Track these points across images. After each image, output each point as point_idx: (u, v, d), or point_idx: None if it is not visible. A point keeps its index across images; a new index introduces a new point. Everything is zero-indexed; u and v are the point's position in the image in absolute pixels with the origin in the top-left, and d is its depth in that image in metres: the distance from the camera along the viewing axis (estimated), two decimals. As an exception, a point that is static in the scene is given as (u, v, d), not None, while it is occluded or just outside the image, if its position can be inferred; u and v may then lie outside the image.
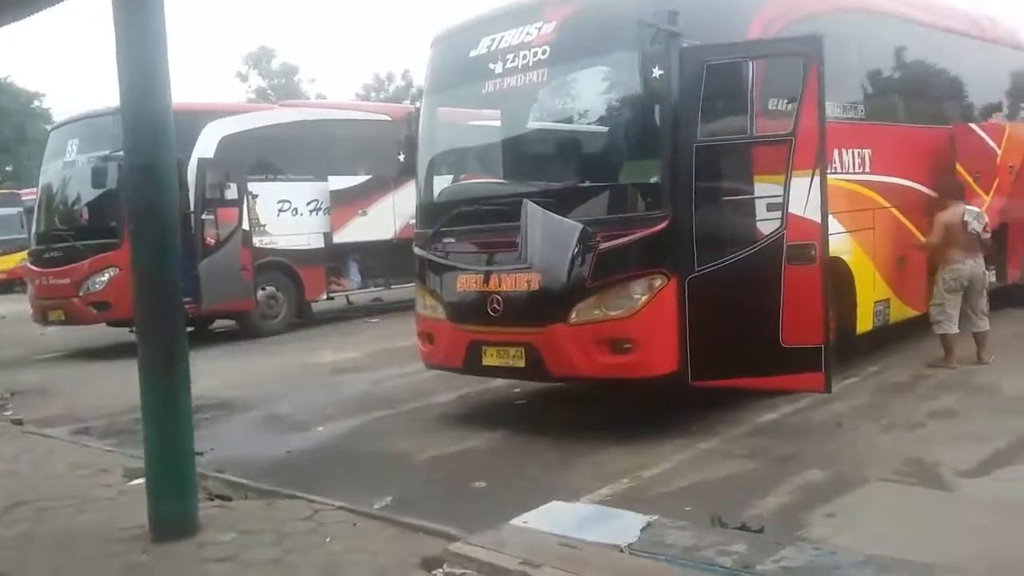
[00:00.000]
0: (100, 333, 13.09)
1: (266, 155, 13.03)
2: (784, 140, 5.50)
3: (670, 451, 5.68)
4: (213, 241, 12.10)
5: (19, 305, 20.95)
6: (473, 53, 6.65)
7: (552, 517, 4.07)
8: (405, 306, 16.08)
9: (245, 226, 12.43)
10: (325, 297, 14.16)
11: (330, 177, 13.79)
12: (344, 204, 13.90)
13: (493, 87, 6.50)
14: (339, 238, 13.84)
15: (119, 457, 5.91)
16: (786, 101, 5.74)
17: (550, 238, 5.85)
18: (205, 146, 12.30)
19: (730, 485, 5.00)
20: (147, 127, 4.16)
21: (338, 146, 14.17)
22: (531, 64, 6.21)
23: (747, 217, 5.63)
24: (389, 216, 14.56)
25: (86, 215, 12.09)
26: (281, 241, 13.17)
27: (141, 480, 5.25)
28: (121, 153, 11.63)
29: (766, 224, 5.55)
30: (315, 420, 7.39)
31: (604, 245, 5.74)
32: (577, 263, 5.77)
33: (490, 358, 6.39)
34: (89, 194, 11.92)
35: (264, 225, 12.92)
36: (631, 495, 4.87)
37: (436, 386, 8.29)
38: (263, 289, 12.85)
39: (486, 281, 6.32)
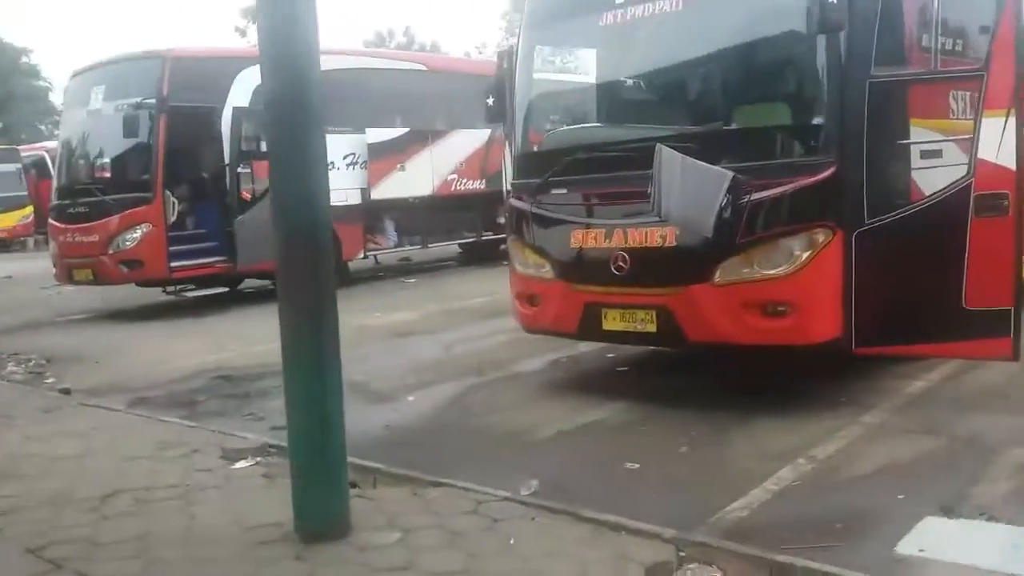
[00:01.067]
0: (123, 293, 12.35)
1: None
2: (974, 76, 4.79)
3: (832, 426, 5.05)
4: (249, 196, 11.35)
5: (24, 263, 20.17)
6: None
7: (953, 542, 3.39)
8: (436, 266, 15.56)
9: (281, 180, 11.65)
10: (362, 256, 13.43)
11: (368, 129, 12.99)
12: (381, 158, 13.13)
13: (614, 17, 5.75)
14: (376, 194, 13.09)
15: (207, 435, 5.23)
16: (977, 30, 5.02)
17: (692, 187, 5.15)
18: (239, 94, 11.48)
19: (929, 467, 4.37)
20: (288, 62, 3.39)
21: (376, 97, 13.36)
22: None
23: (928, 163, 4.93)
24: (427, 171, 13.85)
25: (116, 168, 11.25)
26: (318, 197, 12.37)
27: (246, 463, 4.64)
28: (154, 101, 10.94)
29: (950, 171, 4.85)
30: (400, 389, 6.73)
31: (757, 195, 5.04)
32: (725, 216, 5.08)
33: (612, 322, 5.72)
34: (119, 145, 11.08)
35: (301, 180, 12.11)
36: (822, 481, 4.25)
37: (516, 352, 7.66)
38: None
39: (609, 237, 5.63)
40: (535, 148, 6.50)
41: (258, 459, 4.68)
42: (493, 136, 14.77)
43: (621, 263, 5.55)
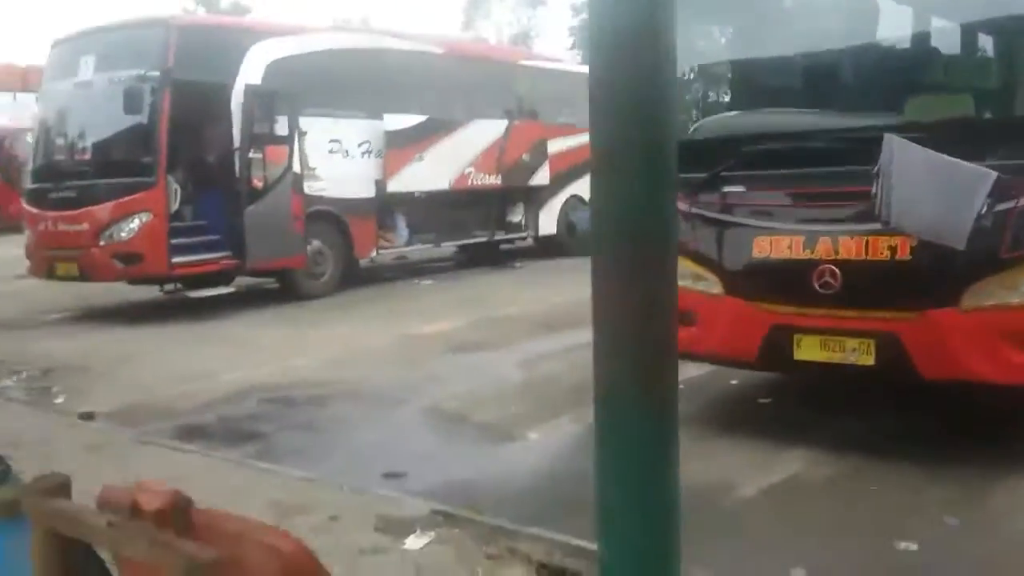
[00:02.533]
0: (98, 289, 10.75)
1: (317, 85, 10.82)
2: None
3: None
4: (261, 185, 9.99)
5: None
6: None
7: None
8: (436, 267, 14.29)
9: (296, 168, 10.34)
10: (375, 254, 12.14)
11: (385, 115, 11.73)
12: (398, 147, 11.88)
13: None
14: (391, 186, 11.83)
15: (334, 494, 4.01)
16: None
17: (937, 189, 4.15)
18: (251, 71, 10.09)
19: None
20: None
21: (391, 80, 12.08)
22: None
23: None
24: (444, 164, 12.66)
25: (111, 148, 9.76)
26: (331, 188, 11.08)
27: (419, 539, 3.44)
28: (157, 74, 9.50)
29: None
30: (511, 422, 5.57)
31: (1027, 201, 4.09)
32: (984, 225, 4.10)
33: (808, 351, 4.68)
34: (114, 122, 9.55)
35: (313, 168, 10.81)
36: None
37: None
38: (309, 243, 10.76)
39: (810, 246, 4.59)
40: (693, 135, 5.42)
41: (431, 533, 3.49)
42: (510, 128, 13.72)
43: (829, 279, 4.51)
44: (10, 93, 40.85)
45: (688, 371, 6.46)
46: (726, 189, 4.99)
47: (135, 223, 9.19)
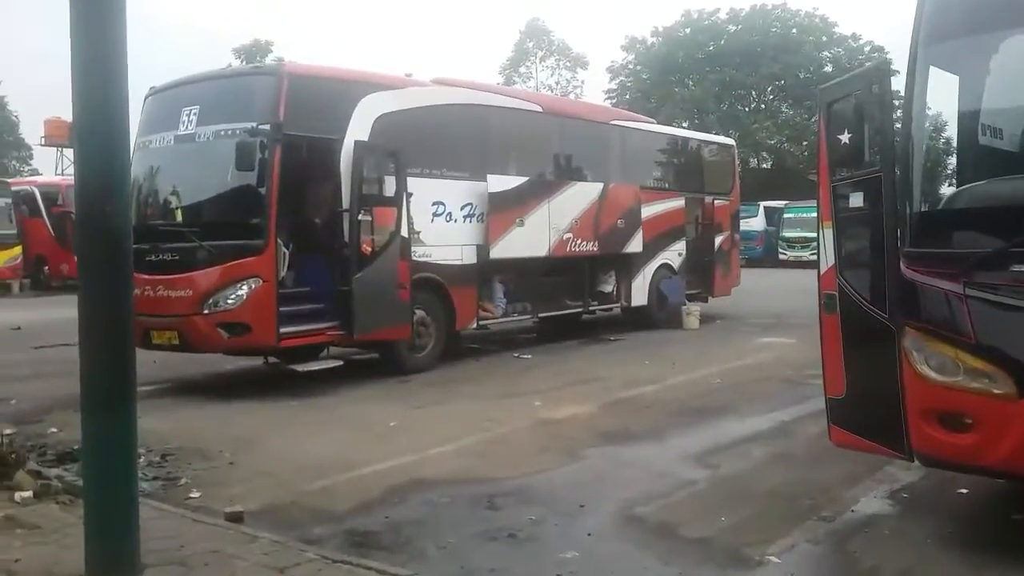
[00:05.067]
0: (180, 359, 9.99)
1: (422, 143, 10.23)
2: None
3: None
4: (369, 249, 9.29)
5: (24, 312, 17.61)
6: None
7: None
8: (521, 339, 13.36)
9: (404, 232, 9.66)
10: (475, 326, 11.38)
11: (489, 176, 11.11)
12: (501, 210, 11.23)
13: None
14: (494, 252, 11.13)
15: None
16: None
17: None
18: (360, 125, 9.50)
19: None
20: None
21: (494, 138, 11.55)
22: None
23: None
24: (544, 228, 12.01)
25: (216, 207, 9.12)
26: (434, 253, 10.39)
27: None
28: (268, 127, 8.90)
29: None
30: (732, 537, 4.72)
31: None
32: None
33: None
34: (220, 179, 8.92)
35: (418, 232, 10.14)
36: None
37: (809, 475, 5.80)
38: (412, 313, 10.02)
39: None
40: (964, 203, 4.66)
41: None
42: (606, 190, 13.07)
43: None
44: (57, 148, 41.26)
45: (900, 476, 5.67)
46: (1017, 268, 4.20)
47: (243, 290, 8.46)
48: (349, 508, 5.22)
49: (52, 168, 42.41)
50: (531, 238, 11.69)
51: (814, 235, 6.85)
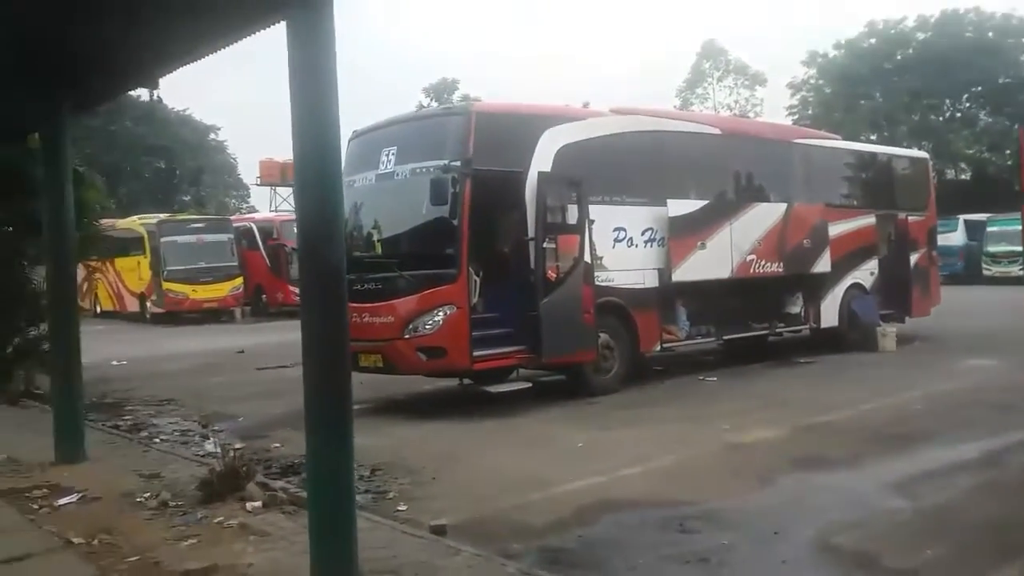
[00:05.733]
0: (382, 380, 10.66)
1: (602, 171, 10.48)
2: None
3: None
4: (554, 275, 9.64)
5: (245, 337, 19.34)
6: None
7: None
8: (706, 361, 13.22)
9: (587, 258, 9.95)
10: (658, 349, 11.47)
11: (669, 201, 11.21)
12: (682, 234, 11.28)
13: None
14: (676, 276, 11.18)
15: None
16: None
17: None
18: (543, 157, 9.89)
19: None
20: None
21: (674, 163, 11.62)
22: None
23: None
24: (726, 250, 11.92)
25: (413, 240, 9.79)
26: (617, 278, 10.60)
27: None
28: (459, 163, 9.51)
29: None
30: (934, 570, 4.58)
31: None
32: None
33: None
34: (416, 214, 9.58)
35: (601, 258, 10.39)
36: None
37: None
38: (597, 336, 10.25)
39: None
40: None
41: None
42: (790, 210, 12.80)
43: None
44: (271, 186, 44.91)
45: None
46: None
47: (439, 316, 9.03)
48: (544, 525, 5.48)
49: (266, 205, 46.17)
50: (713, 260, 11.65)
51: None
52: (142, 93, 8.49)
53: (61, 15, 5.96)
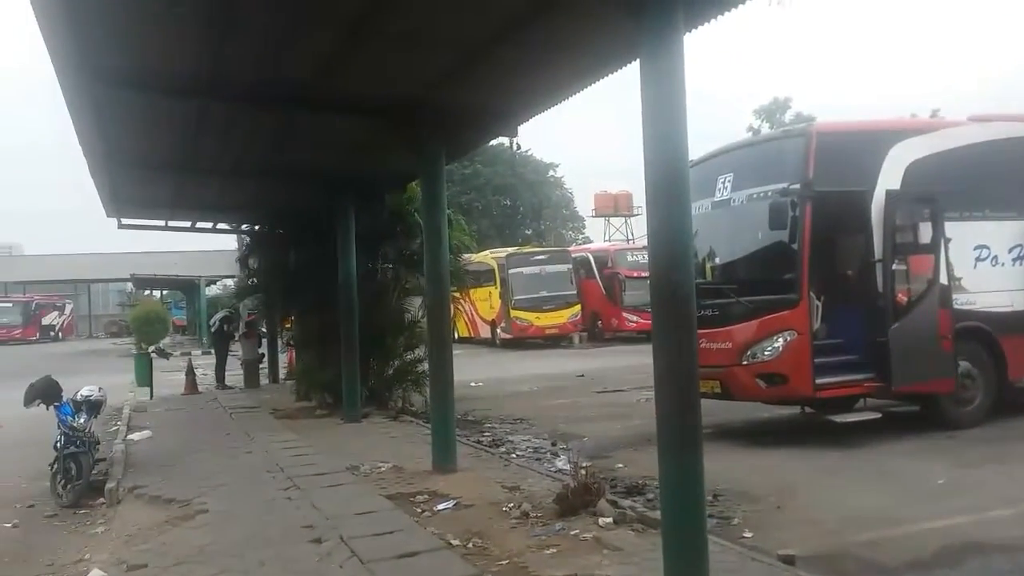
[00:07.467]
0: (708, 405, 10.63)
1: (959, 185, 9.67)
2: None
3: None
4: (905, 299, 9.09)
5: (583, 361, 20.29)
6: None
7: None
8: None
9: (943, 280, 9.24)
10: (1028, 378, 10.27)
11: (1050, 216, 10.04)
12: (1061, 251, 10.01)
13: None
14: (1051, 298, 9.95)
15: None
16: None
17: None
18: (890, 174, 9.37)
19: None
20: None
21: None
22: None
23: None
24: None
25: (751, 265, 9.82)
26: (979, 300, 9.69)
27: None
28: (798, 186, 9.37)
29: None
30: None
31: None
32: None
33: None
34: (753, 239, 9.63)
35: (959, 279, 9.57)
36: None
37: None
38: (957, 365, 9.43)
39: None
40: None
41: None
42: None
43: None
44: (605, 217, 46.60)
45: None
46: None
47: (779, 342, 8.94)
48: (899, 564, 5.25)
49: (600, 235, 48.04)
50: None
51: None
52: (503, 141, 9.45)
53: (451, 85, 7.01)
